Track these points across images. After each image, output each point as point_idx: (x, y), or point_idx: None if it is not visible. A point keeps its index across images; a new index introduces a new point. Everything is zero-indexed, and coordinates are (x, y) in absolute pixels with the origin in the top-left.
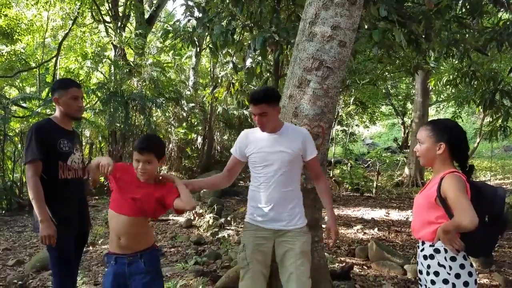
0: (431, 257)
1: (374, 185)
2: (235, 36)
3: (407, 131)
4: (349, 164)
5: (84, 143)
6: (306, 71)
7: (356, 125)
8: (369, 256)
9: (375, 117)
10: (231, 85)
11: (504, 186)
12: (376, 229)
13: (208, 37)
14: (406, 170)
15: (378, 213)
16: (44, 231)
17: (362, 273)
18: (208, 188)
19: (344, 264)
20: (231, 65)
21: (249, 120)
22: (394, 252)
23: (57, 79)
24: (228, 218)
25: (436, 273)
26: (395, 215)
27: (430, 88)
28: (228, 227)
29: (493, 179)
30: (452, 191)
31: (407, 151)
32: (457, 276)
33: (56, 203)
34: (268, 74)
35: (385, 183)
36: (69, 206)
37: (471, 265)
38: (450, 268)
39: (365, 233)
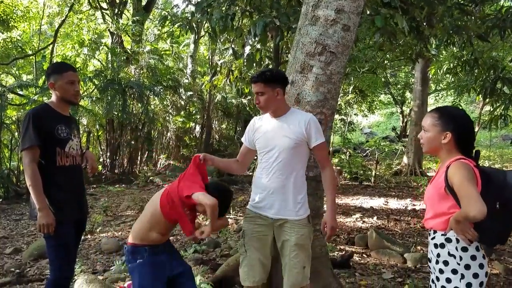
0: (442, 246)
1: (373, 174)
2: (234, 22)
3: (405, 120)
4: (347, 153)
5: (81, 132)
6: (308, 56)
7: (355, 114)
8: (368, 244)
9: (374, 106)
10: (231, 73)
11: None
12: (375, 218)
13: (207, 23)
14: (405, 159)
15: (377, 202)
16: (42, 219)
17: (362, 261)
18: (223, 169)
19: (344, 252)
20: (230, 51)
21: (247, 109)
22: (394, 240)
23: (51, 64)
24: None
25: (446, 263)
26: (394, 203)
27: (430, 76)
28: (227, 216)
29: None
30: (458, 179)
31: (405, 140)
32: (467, 267)
33: (53, 190)
34: (268, 60)
35: (383, 172)
36: (67, 193)
37: (484, 257)
38: (461, 258)
39: (364, 221)
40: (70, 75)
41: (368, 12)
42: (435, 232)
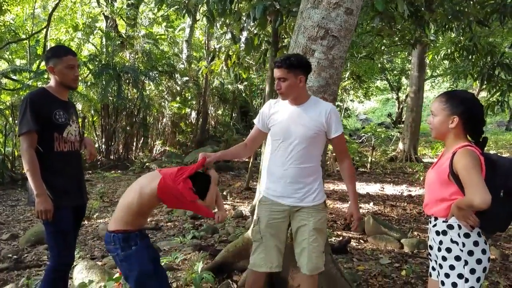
0: (444, 233)
1: (369, 160)
2: (232, 5)
3: (401, 106)
4: None
5: None
6: (310, 40)
7: (351, 100)
8: (365, 230)
9: (370, 92)
10: (228, 58)
11: None
12: (371, 204)
13: (204, 6)
14: (400, 145)
15: (373, 188)
16: (40, 206)
17: (359, 247)
18: (231, 159)
19: (341, 238)
20: (228, 35)
21: (243, 95)
22: (391, 226)
23: (51, 47)
24: (224, 193)
25: (448, 250)
26: (390, 189)
27: (427, 62)
28: (224, 202)
29: None
30: (464, 167)
31: (401, 126)
32: (470, 253)
33: (51, 176)
34: (266, 45)
35: (379, 158)
36: (65, 179)
37: (485, 243)
38: (463, 245)
39: (360, 207)
40: (70, 59)
41: None
42: (436, 219)
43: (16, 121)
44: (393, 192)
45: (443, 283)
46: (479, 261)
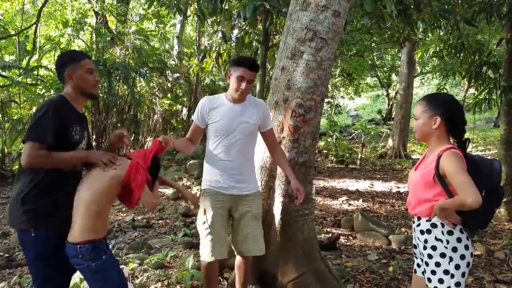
0: (428, 231)
1: (359, 157)
2: (223, 4)
3: (391, 103)
4: (334, 136)
5: None
6: (299, 42)
7: (342, 96)
8: (354, 226)
9: (360, 88)
10: (219, 56)
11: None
12: (360, 200)
13: (195, 4)
14: (390, 142)
15: (363, 185)
16: (95, 156)
17: (348, 243)
18: (180, 150)
19: (330, 235)
20: (219, 34)
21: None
22: (379, 222)
23: (62, 53)
24: None
25: (434, 247)
26: (379, 186)
27: (416, 59)
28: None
29: (474, 151)
30: (453, 169)
31: (391, 123)
32: (454, 249)
33: (43, 194)
34: (257, 44)
35: (369, 155)
36: (61, 202)
37: (468, 239)
38: (447, 242)
39: (350, 204)
40: (88, 63)
41: None
42: (419, 218)
43: (5, 118)
44: (382, 188)
45: (429, 280)
46: (462, 257)
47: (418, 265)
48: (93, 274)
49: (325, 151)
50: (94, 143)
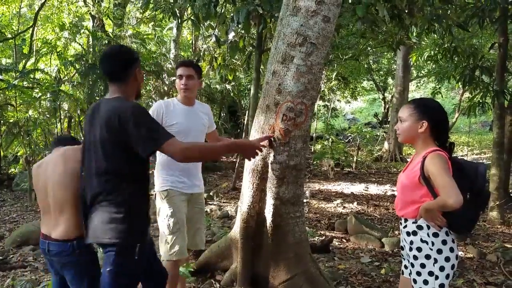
0: (414, 233)
1: (354, 160)
2: (217, 9)
3: (387, 106)
4: (330, 139)
5: (62, 117)
6: (290, 46)
7: (338, 100)
8: (348, 229)
9: (356, 92)
10: (214, 60)
11: (481, 161)
12: (355, 203)
13: (190, 9)
14: (386, 145)
15: (358, 188)
16: (249, 150)
17: (341, 246)
18: None
19: (323, 237)
20: (213, 38)
21: (231, 94)
22: (373, 225)
23: (124, 48)
24: (211, 193)
25: (419, 249)
26: (374, 189)
27: (411, 63)
28: (210, 202)
29: (470, 154)
30: (436, 170)
31: (387, 126)
32: (439, 251)
33: (137, 212)
34: (251, 48)
35: (365, 158)
36: (145, 214)
37: (453, 241)
38: (433, 244)
39: (344, 207)
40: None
41: (350, 1)
42: (406, 220)
43: (1, 121)
44: (377, 191)
45: (415, 281)
46: (447, 259)
47: (405, 267)
48: (86, 266)
49: (332, 162)
50: None
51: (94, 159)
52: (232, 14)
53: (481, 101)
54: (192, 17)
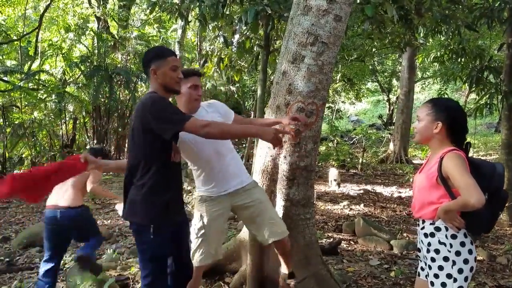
0: (432, 235)
1: (360, 162)
2: (225, 9)
3: (392, 107)
4: (335, 141)
5: (67, 118)
6: (300, 46)
7: (342, 101)
8: (356, 231)
9: (361, 93)
10: (221, 61)
11: None
12: (362, 205)
13: (197, 9)
14: (391, 147)
15: (364, 189)
16: (269, 136)
17: (349, 248)
18: (115, 171)
19: (331, 239)
20: (221, 39)
21: (235, 96)
22: (381, 227)
23: (149, 48)
24: None
25: (437, 251)
26: (380, 191)
27: (417, 64)
28: None
29: (475, 156)
30: (456, 170)
31: (392, 127)
32: (458, 253)
33: (156, 191)
34: (258, 49)
35: (370, 160)
36: (170, 193)
37: (471, 243)
38: (451, 245)
39: (351, 209)
40: (174, 60)
41: (358, 1)
42: (424, 221)
43: (7, 122)
44: (384, 193)
45: (432, 284)
46: (466, 261)
47: (422, 268)
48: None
49: (336, 172)
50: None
51: (131, 146)
52: (239, 15)
53: (488, 102)
54: (199, 18)
